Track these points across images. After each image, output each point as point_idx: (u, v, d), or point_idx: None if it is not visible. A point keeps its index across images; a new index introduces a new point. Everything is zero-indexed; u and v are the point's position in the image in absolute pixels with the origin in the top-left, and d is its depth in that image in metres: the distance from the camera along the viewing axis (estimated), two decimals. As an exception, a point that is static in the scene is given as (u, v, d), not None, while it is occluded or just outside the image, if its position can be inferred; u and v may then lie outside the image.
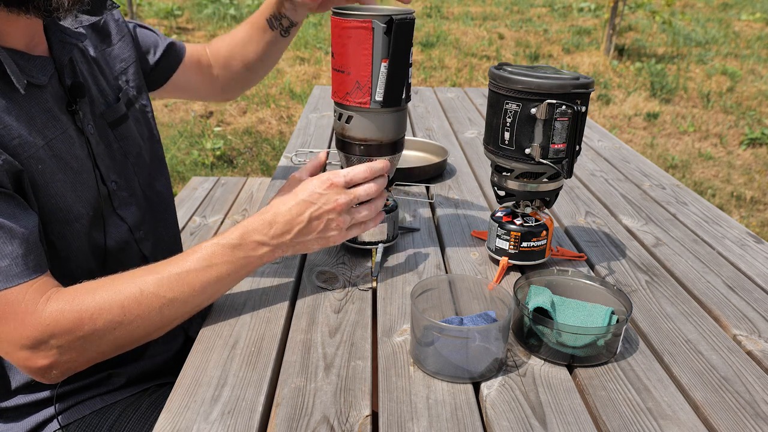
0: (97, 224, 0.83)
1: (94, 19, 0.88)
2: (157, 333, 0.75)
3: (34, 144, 0.73)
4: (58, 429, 0.84)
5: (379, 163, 0.82)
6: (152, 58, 1.05)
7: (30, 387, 0.84)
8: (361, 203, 0.81)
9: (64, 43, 0.81)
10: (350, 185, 0.79)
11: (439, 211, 1.16)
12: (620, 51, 6.31)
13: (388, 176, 0.93)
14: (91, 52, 0.91)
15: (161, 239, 0.99)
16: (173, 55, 1.09)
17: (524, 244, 0.90)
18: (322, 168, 0.84)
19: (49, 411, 0.85)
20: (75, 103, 0.82)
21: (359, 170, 0.80)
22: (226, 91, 1.21)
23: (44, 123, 0.76)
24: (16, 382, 0.83)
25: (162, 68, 1.07)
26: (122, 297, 0.70)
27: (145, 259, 0.93)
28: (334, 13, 0.82)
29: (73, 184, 0.78)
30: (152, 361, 0.94)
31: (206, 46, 1.16)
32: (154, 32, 1.06)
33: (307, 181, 0.79)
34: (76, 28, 0.85)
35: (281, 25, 1.09)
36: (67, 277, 0.75)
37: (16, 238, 0.68)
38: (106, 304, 0.70)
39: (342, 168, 0.93)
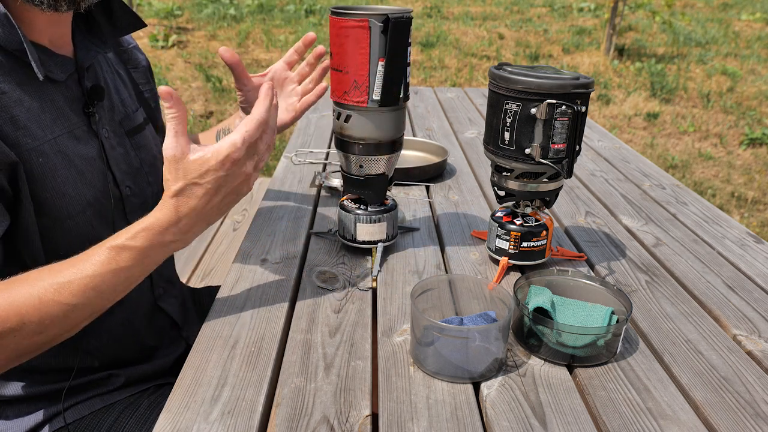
0: (105, 225, 0.83)
1: (126, 34, 0.90)
2: (64, 336, 0.70)
3: (40, 137, 0.74)
4: (58, 429, 0.84)
5: (262, 107, 0.71)
6: None
7: (28, 383, 0.84)
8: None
9: (88, 49, 0.83)
10: (252, 148, 0.71)
11: (439, 211, 1.16)
12: (620, 51, 6.31)
13: (388, 175, 0.93)
14: (117, 64, 0.95)
15: None
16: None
17: (524, 244, 0.90)
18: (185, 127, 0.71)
19: (49, 411, 0.85)
20: (92, 106, 0.83)
21: (251, 128, 0.69)
22: None
23: (54, 119, 0.77)
24: (15, 377, 0.83)
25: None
26: (19, 304, 0.64)
27: None
28: (332, 13, 0.82)
29: (75, 183, 0.78)
30: (152, 366, 0.94)
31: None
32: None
33: (202, 163, 0.68)
34: (107, 41, 0.87)
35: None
36: None
37: None
38: (3, 312, 0.63)
39: (342, 166, 0.94)
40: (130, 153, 0.90)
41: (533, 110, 0.80)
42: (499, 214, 0.93)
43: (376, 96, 0.83)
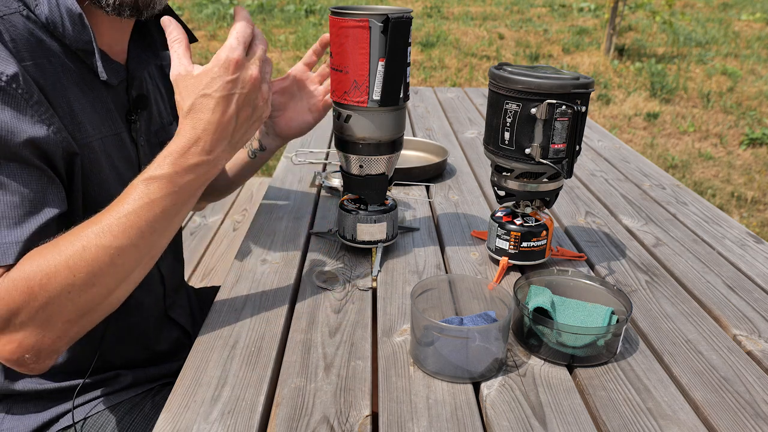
0: None
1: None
2: (123, 289, 0.70)
3: (91, 134, 0.76)
4: (63, 429, 0.84)
5: (242, 11, 0.71)
6: None
7: (36, 380, 0.84)
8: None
9: (140, 60, 0.86)
10: (247, 48, 0.70)
11: (439, 211, 1.16)
12: (620, 51, 6.31)
13: (388, 175, 0.93)
14: (157, 78, 0.98)
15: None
16: None
17: (524, 244, 0.90)
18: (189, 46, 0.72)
19: (55, 410, 0.85)
20: (135, 114, 0.86)
21: (242, 28, 0.69)
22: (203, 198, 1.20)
23: (103, 119, 0.79)
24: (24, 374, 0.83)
25: None
26: (66, 256, 0.65)
27: None
28: (332, 13, 0.82)
29: (115, 183, 0.80)
30: (159, 369, 0.95)
31: None
32: None
33: (206, 73, 0.68)
34: (158, 52, 0.89)
35: (251, 146, 1.07)
36: None
37: (35, 218, 0.67)
38: (52, 267, 0.64)
39: (342, 166, 0.94)
40: None
41: (533, 110, 0.80)
42: (499, 214, 0.93)
43: (376, 96, 0.83)
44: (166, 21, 0.71)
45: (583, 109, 0.80)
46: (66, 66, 0.74)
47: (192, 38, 0.89)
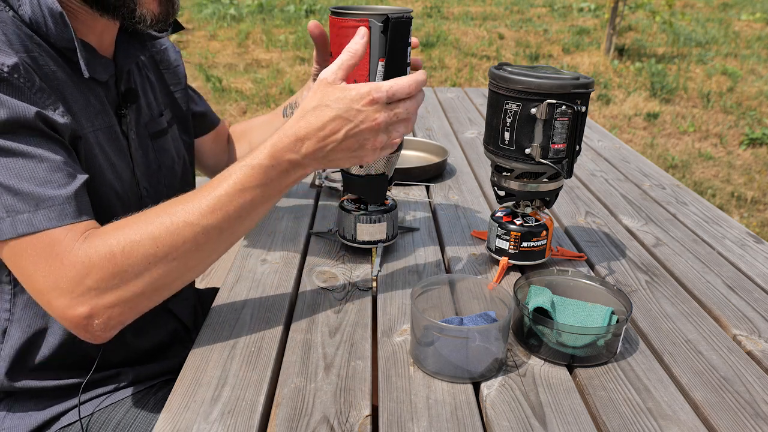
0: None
1: (162, 35, 0.93)
2: (197, 270, 0.73)
3: (86, 126, 0.78)
4: (65, 427, 0.84)
5: (422, 74, 0.74)
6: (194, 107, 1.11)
7: (37, 378, 0.84)
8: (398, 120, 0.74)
9: (128, 54, 0.87)
10: (392, 101, 0.71)
11: (439, 211, 1.16)
12: (620, 51, 6.31)
13: (388, 175, 0.93)
14: (148, 68, 0.98)
15: None
16: (209, 119, 1.15)
17: (524, 244, 0.90)
18: (357, 63, 0.75)
19: (55, 409, 0.85)
20: (125, 108, 0.86)
21: (403, 84, 0.71)
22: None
23: (96, 113, 0.80)
24: (29, 365, 0.83)
25: (195, 125, 1.12)
26: (152, 228, 0.68)
27: None
28: (332, 13, 0.82)
29: (110, 173, 0.81)
30: (160, 365, 0.95)
31: (229, 122, 1.23)
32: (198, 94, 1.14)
33: (344, 91, 0.70)
34: (146, 43, 0.91)
35: (292, 115, 1.09)
36: None
37: (75, 180, 0.70)
38: (137, 236, 0.68)
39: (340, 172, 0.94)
40: (150, 155, 0.93)
41: (533, 110, 0.80)
42: (499, 214, 0.93)
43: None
44: (362, 32, 0.74)
45: (583, 109, 0.80)
46: (57, 60, 0.75)
47: (179, 26, 0.92)
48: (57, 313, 0.68)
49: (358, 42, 0.74)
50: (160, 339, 0.97)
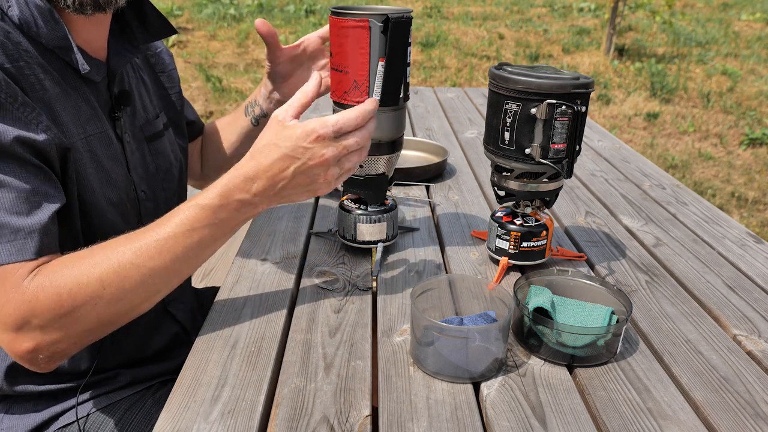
0: (127, 226, 0.84)
1: (157, 40, 0.93)
2: (144, 306, 0.72)
3: (75, 134, 0.76)
4: (63, 427, 0.84)
5: (371, 104, 0.73)
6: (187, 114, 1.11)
7: (36, 381, 0.84)
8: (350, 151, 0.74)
9: (121, 55, 0.86)
10: (340, 134, 0.71)
11: (439, 211, 1.16)
12: (620, 51, 6.31)
13: (388, 175, 0.93)
14: (143, 70, 0.97)
15: None
16: (197, 126, 1.16)
17: (524, 244, 0.90)
18: (310, 103, 0.75)
19: (53, 410, 0.85)
20: (119, 110, 0.85)
21: (350, 118, 0.71)
22: (204, 175, 1.21)
23: (87, 119, 0.79)
24: (26, 370, 0.83)
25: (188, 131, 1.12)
26: (100, 270, 0.67)
27: None
28: (332, 13, 0.82)
29: (101, 182, 0.80)
30: (158, 367, 0.95)
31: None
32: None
33: (291, 130, 0.70)
34: (138, 46, 0.90)
35: (253, 113, 1.08)
36: None
37: (43, 211, 0.68)
38: (84, 278, 0.67)
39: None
40: (147, 158, 0.92)
41: (533, 110, 0.80)
42: (499, 214, 0.93)
43: (376, 96, 0.83)
44: (316, 77, 0.74)
45: (583, 109, 0.80)
46: (45, 68, 0.73)
47: (172, 31, 0.92)
48: (4, 347, 0.69)
49: (311, 83, 0.74)
50: (160, 344, 0.97)
